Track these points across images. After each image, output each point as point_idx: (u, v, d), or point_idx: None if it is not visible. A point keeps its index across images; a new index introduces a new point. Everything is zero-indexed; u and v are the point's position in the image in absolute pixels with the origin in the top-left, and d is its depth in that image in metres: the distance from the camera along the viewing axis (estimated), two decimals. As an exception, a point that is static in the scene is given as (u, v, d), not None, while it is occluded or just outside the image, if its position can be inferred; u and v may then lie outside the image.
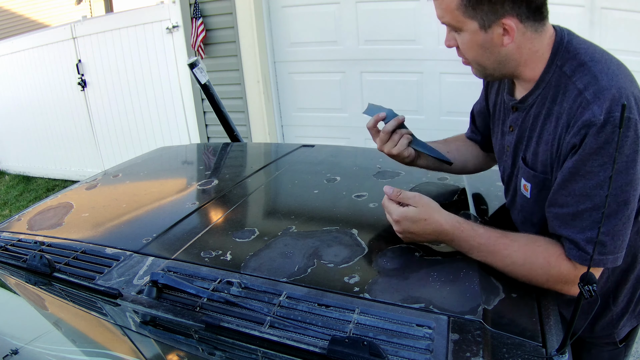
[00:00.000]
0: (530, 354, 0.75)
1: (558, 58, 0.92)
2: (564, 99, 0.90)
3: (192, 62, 2.02)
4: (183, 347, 0.86)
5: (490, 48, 0.93)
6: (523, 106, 1.00)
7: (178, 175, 1.74)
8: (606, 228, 0.86)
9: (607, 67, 0.87)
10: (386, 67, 3.48)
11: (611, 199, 0.84)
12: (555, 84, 0.92)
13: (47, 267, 1.01)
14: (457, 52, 1.01)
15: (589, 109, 0.84)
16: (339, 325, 0.81)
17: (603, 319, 1.09)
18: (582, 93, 0.86)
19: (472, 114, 1.33)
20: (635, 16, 2.71)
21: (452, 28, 0.96)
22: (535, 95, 0.96)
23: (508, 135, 1.07)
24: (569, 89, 0.89)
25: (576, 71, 0.89)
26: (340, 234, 1.11)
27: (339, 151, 1.86)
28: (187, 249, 1.08)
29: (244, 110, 3.90)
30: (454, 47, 1.01)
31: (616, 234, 0.87)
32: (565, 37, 0.93)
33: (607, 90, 0.83)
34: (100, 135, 4.77)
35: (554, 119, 0.92)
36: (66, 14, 9.04)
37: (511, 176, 1.09)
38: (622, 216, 0.85)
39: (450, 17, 0.93)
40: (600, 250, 0.87)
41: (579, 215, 0.87)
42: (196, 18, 3.67)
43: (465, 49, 0.96)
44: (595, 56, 0.89)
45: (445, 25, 0.98)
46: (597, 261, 0.88)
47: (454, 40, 0.99)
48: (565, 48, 0.92)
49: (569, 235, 0.89)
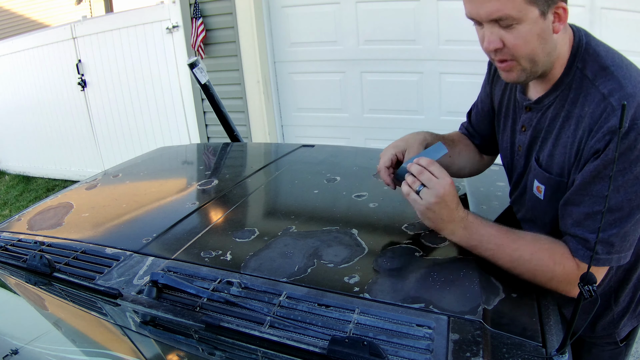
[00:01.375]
0: (530, 354, 0.75)
1: (578, 60, 0.91)
2: (586, 103, 0.89)
3: (192, 62, 2.02)
4: (183, 347, 0.86)
5: (547, 37, 0.88)
6: (538, 107, 0.99)
7: (178, 175, 1.74)
8: (617, 230, 0.86)
9: (630, 74, 0.87)
10: (386, 67, 3.48)
11: (626, 202, 0.85)
12: (575, 86, 0.91)
13: (47, 267, 1.01)
14: (499, 55, 0.92)
15: (614, 115, 0.84)
16: (339, 325, 0.81)
17: (604, 318, 1.09)
18: (606, 98, 0.86)
19: (470, 116, 1.29)
20: (635, 16, 2.71)
21: (510, 21, 0.86)
22: (553, 96, 0.95)
23: (520, 135, 1.05)
24: (590, 93, 0.89)
25: (598, 75, 0.88)
26: (340, 234, 1.10)
27: (339, 151, 1.86)
28: (187, 249, 1.08)
29: (244, 110, 3.90)
30: (493, 50, 0.91)
31: (626, 236, 0.88)
32: (584, 38, 0.92)
33: (632, 97, 0.84)
34: (100, 135, 4.77)
35: (574, 122, 0.91)
36: (66, 14, 9.03)
37: (522, 175, 1.08)
38: (634, 219, 0.86)
39: (512, 6, 0.84)
40: (608, 250, 0.88)
41: (593, 215, 0.88)
42: (196, 18, 3.67)
43: (521, 43, 0.88)
44: (616, 60, 0.89)
45: (493, 22, 0.88)
46: (604, 260, 0.89)
47: (499, 41, 0.89)
48: (585, 49, 0.91)
49: (581, 234, 0.90)
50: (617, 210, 0.86)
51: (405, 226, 1.13)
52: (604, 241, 0.88)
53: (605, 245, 0.88)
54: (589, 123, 0.88)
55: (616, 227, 0.86)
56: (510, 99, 1.10)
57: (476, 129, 1.28)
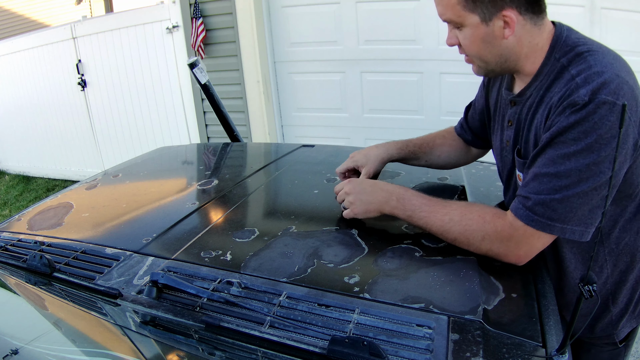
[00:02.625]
0: (530, 354, 0.75)
1: (556, 51, 0.93)
2: (557, 86, 0.91)
3: (192, 62, 2.02)
4: (183, 347, 0.86)
5: (492, 41, 0.94)
6: (521, 100, 1.01)
7: (178, 175, 1.74)
8: (560, 196, 0.86)
9: (603, 57, 0.88)
10: (386, 67, 3.48)
11: (574, 172, 0.85)
12: (552, 74, 0.93)
13: (47, 267, 1.01)
14: (459, 50, 1.02)
15: (577, 91, 0.85)
16: (339, 325, 0.81)
17: (603, 320, 1.09)
18: (574, 78, 0.87)
19: (467, 113, 1.35)
20: (635, 16, 2.71)
21: (454, 24, 0.97)
22: (533, 87, 0.98)
23: (507, 130, 1.08)
24: (563, 77, 0.91)
25: (573, 61, 0.90)
26: (340, 234, 1.11)
27: (339, 151, 1.86)
28: (187, 249, 1.08)
29: (244, 110, 3.90)
30: (455, 46, 1.01)
31: (571, 206, 0.86)
32: (565, 32, 0.94)
33: (599, 74, 0.84)
34: (100, 135, 4.77)
35: (544, 105, 0.94)
36: (66, 14, 9.03)
37: (511, 171, 1.10)
38: (580, 190, 0.85)
39: (451, 12, 0.94)
40: (549, 214, 0.88)
41: (540, 177, 0.89)
42: (196, 18, 3.67)
43: (468, 44, 0.97)
44: (593, 47, 0.91)
45: (446, 22, 0.99)
46: (542, 224, 0.89)
47: (455, 38, 0.99)
48: (564, 42, 0.93)
49: (524, 193, 0.91)
50: (565, 177, 0.86)
51: (405, 226, 1.13)
52: (544, 203, 0.88)
53: (546, 209, 0.88)
54: (555, 101, 0.89)
55: (560, 193, 0.86)
56: (501, 97, 1.12)
57: (470, 125, 1.34)
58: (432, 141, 1.37)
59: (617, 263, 1.02)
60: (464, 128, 1.36)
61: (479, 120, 1.29)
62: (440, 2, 0.96)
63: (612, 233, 1.00)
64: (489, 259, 0.98)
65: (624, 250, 1.01)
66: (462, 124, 1.36)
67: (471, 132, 1.34)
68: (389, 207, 1.08)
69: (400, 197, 1.07)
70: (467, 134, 1.35)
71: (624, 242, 1.00)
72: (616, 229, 0.99)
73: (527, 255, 0.94)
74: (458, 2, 0.92)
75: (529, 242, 0.93)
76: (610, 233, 1.00)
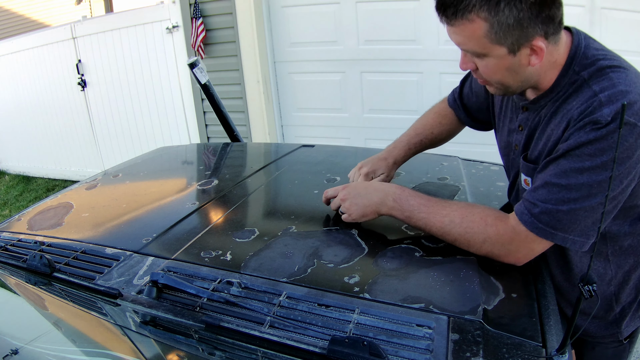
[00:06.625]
0: (530, 354, 0.75)
1: (575, 63, 0.92)
2: (576, 99, 0.90)
3: (192, 62, 2.02)
4: (183, 347, 0.86)
5: (517, 70, 0.91)
6: (535, 106, 1.00)
7: (178, 175, 1.74)
8: (567, 208, 0.87)
9: (627, 75, 0.87)
10: (386, 67, 3.48)
11: (585, 186, 0.85)
12: (571, 87, 0.92)
13: (47, 267, 1.01)
14: (474, 74, 0.98)
15: (600, 109, 0.84)
16: (339, 325, 0.81)
17: (606, 320, 1.09)
18: (597, 95, 0.86)
19: (462, 88, 1.33)
20: (635, 16, 2.71)
21: (475, 54, 0.92)
22: (548, 98, 0.96)
23: (517, 134, 1.07)
24: (583, 91, 0.89)
25: (594, 76, 0.89)
26: (340, 234, 1.11)
27: (339, 151, 1.86)
28: (187, 249, 1.08)
29: (244, 110, 3.90)
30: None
31: (575, 218, 0.87)
32: (582, 42, 0.93)
33: (623, 94, 0.84)
34: (100, 135, 4.77)
35: (560, 115, 0.93)
36: (66, 14, 9.03)
37: (518, 173, 1.10)
38: (588, 206, 0.86)
39: (476, 44, 0.89)
40: (553, 224, 0.88)
41: (550, 186, 0.89)
42: (196, 18, 3.67)
43: (489, 72, 0.93)
44: (614, 63, 0.89)
45: (464, 51, 0.94)
46: (545, 232, 0.89)
47: (472, 64, 0.95)
48: (584, 54, 0.92)
49: (531, 198, 0.91)
50: (575, 190, 0.86)
51: (405, 226, 1.13)
52: (550, 213, 0.88)
53: (551, 219, 0.88)
54: (575, 115, 0.88)
55: (567, 205, 0.86)
56: (509, 99, 1.11)
57: (465, 103, 1.32)
58: (430, 133, 1.37)
59: (621, 264, 1.02)
60: (457, 104, 1.33)
61: (475, 103, 1.28)
62: (460, 32, 0.89)
63: (617, 234, 1.00)
64: (489, 259, 0.98)
65: (628, 251, 1.01)
66: (456, 99, 1.34)
67: (464, 110, 1.32)
68: (386, 208, 1.08)
69: (397, 197, 1.06)
70: (460, 112, 1.33)
71: (628, 243, 1.01)
72: (621, 231, 1.00)
73: (526, 258, 0.95)
74: (485, 35, 0.86)
75: (530, 247, 0.93)
76: (614, 234, 1.00)
